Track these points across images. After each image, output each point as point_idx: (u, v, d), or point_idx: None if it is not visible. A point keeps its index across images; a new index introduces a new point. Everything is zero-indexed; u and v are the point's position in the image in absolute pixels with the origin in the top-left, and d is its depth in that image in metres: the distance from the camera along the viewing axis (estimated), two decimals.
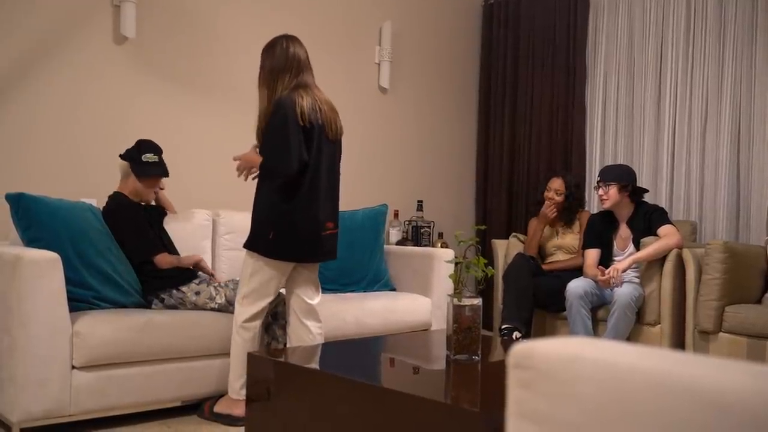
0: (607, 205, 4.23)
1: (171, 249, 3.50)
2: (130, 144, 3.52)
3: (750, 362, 0.74)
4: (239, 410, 3.03)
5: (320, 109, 3.02)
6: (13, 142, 3.63)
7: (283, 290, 3.31)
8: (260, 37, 4.53)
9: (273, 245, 3.02)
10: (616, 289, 3.98)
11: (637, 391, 0.73)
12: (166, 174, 3.48)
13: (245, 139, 4.45)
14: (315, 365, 2.46)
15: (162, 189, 3.59)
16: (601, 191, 4.23)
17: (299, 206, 3.00)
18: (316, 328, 3.22)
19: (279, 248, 3.03)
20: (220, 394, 3.21)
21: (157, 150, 3.47)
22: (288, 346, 3.20)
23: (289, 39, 3.12)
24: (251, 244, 3.07)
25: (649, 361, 0.74)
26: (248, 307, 3.07)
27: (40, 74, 3.72)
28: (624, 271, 3.99)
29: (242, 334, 3.07)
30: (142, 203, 3.51)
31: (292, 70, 3.05)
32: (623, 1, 5.24)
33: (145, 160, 3.41)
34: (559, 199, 4.62)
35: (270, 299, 3.11)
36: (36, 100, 3.71)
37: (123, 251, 3.34)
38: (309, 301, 3.20)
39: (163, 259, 3.37)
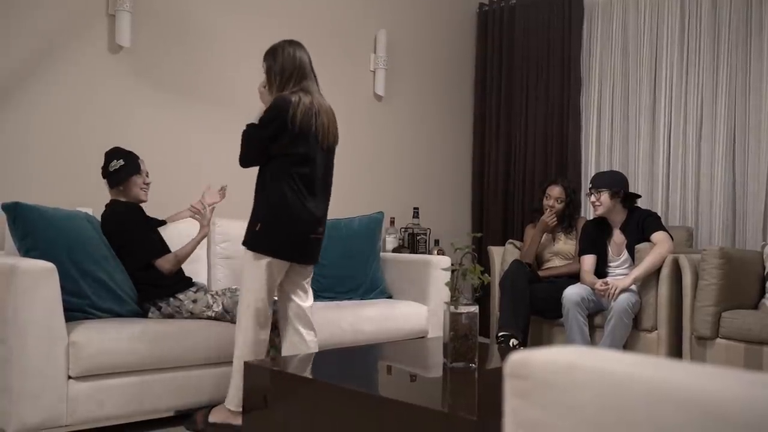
0: (599, 211, 4.24)
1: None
2: (125, 151, 3.54)
3: (746, 370, 0.74)
4: (239, 420, 3.00)
5: (316, 115, 3.00)
6: (8, 150, 3.63)
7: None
8: (255, 46, 4.54)
9: (261, 240, 2.98)
10: None
11: (634, 400, 0.73)
12: (133, 171, 3.43)
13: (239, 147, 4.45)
14: (311, 374, 2.45)
15: (148, 184, 3.52)
16: (593, 198, 4.24)
17: (291, 207, 2.97)
18: (310, 337, 3.17)
19: (266, 244, 2.99)
20: (212, 404, 3.18)
21: (119, 154, 3.44)
22: (283, 354, 3.17)
23: (293, 44, 3.11)
24: (246, 242, 3.04)
25: (646, 369, 0.74)
26: (257, 318, 3.02)
27: (36, 83, 3.72)
28: (624, 290, 3.97)
29: (256, 351, 3.01)
30: (139, 205, 3.50)
31: (296, 75, 3.04)
32: (617, 9, 5.26)
33: (112, 170, 3.42)
34: (560, 206, 4.62)
35: (271, 300, 3.05)
36: (32, 109, 3.70)
37: (124, 257, 3.33)
38: (301, 303, 3.16)
39: (163, 264, 3.37)
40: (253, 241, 3.00)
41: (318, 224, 3.06)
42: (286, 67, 3.04)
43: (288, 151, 2.96)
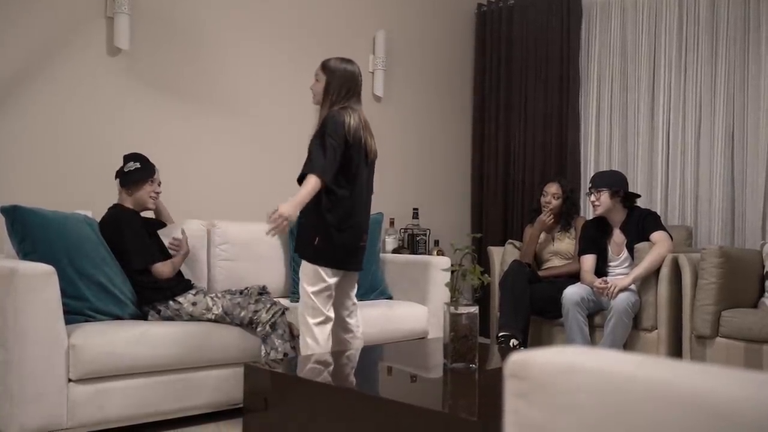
0: (599, 211, 4.24)
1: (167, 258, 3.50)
2: (124, 153, 3.55)
3: (748, 370, 0.74)
4: None
5: (364, 129, 3.17)
6: (7, 153, 3.63)
7: (283, 300, 3.34)
8: (253, 48, 4.55)
9: (319, 252, 3.11)
10: None
11: (634, 401, 0.73)
12: (148, 174, 3.48)
13: (238, 149, 4.45)
14: (311, 375, 2.45)
15: (158, 193, 3.56)
16: (593, 197, 4.24)
17: (343, 219, 3.12)
18: (359, 332, 3.39)
19: (324, 256, 3.12)
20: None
21: (137, 158, 3.50)
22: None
23: (345, 61, 3.28)
24: (305, 256, 3.16)
25: (646, 370, 0.74)
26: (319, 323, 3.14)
27: (34, 85, 3.71)
28: (624, 289, 3.97)
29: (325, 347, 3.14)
30: (141, 213, 3.51)
31: (348, 90, 3.20)
32: (616, 9, 5.27)
33: (126, 170, 3.46)
34: (556, 203, 4.63)
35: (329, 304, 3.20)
36: (30, 112, 3.70)
37: (123, 260, 3.33)
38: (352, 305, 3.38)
39: (162, 268, 3.37)
40: (314, 255, 3.12)
41: (364, 233, 3.24)
42: (337, 80, 3.20)
43: (343, 163, 3.09)
